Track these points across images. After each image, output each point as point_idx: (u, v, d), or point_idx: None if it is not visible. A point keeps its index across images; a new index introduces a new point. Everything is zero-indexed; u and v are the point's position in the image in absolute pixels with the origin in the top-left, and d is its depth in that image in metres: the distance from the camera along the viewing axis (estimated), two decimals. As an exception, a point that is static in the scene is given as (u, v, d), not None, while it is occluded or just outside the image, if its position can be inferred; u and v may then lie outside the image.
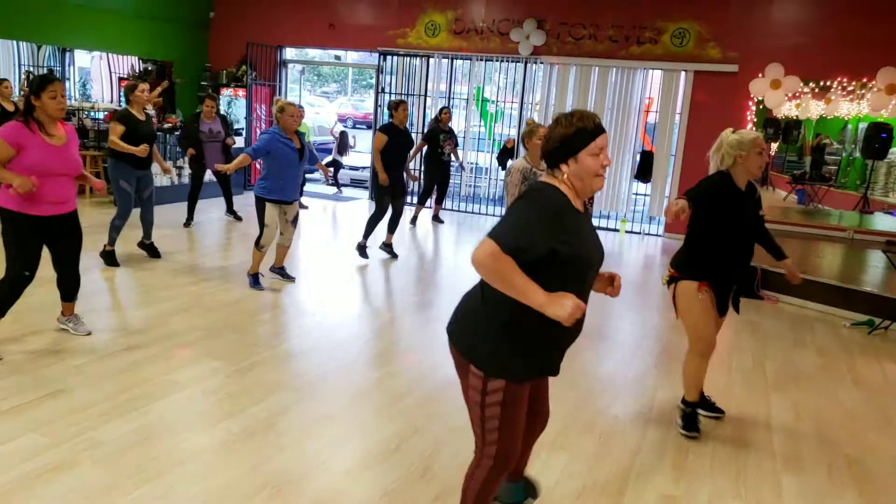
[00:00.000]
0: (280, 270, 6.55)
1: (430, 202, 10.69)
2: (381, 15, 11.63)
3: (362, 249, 7.55)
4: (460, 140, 11.02)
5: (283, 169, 5.97)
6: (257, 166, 10.48)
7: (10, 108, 8.28)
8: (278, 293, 6.17)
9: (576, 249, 2.26)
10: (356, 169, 14.29)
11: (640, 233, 10.80)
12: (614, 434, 3.90)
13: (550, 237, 2.21)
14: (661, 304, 6.82)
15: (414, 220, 10.23)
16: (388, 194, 7.50)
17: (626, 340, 5.68)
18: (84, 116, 10.52)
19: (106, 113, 10.54)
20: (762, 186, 11.52)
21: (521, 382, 2.40)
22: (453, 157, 10.47)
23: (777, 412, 4.37)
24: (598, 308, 6.56)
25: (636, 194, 11.27)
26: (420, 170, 10.45)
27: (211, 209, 9.70)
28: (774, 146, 11.61)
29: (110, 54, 11.58)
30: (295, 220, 6.33)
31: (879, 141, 10.36)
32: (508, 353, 2.34)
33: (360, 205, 11.80)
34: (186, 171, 10.01)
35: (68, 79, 11.42)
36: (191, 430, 3.57)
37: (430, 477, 3.30)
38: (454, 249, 9.14)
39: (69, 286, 4.71)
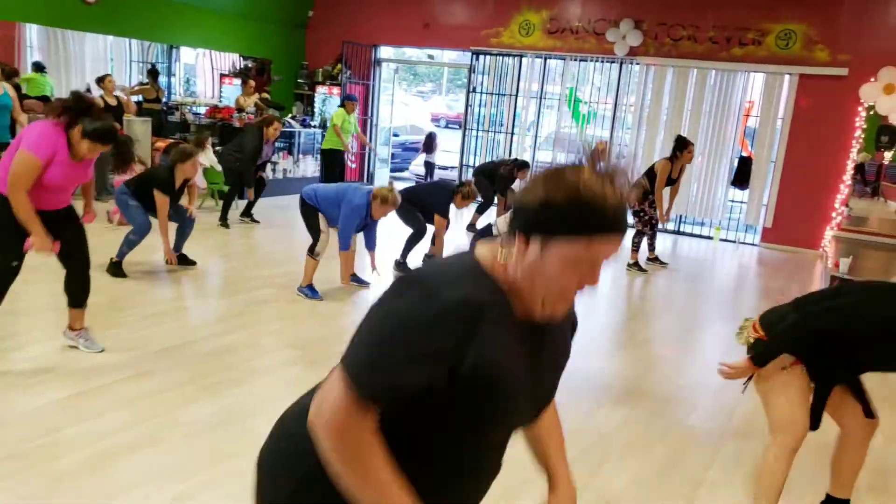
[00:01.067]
0: (354, 277, 6.27)
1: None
2: (475, 14, 11.67)
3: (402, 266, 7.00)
4: (548, 141, 10.93)
5: (348, 222, 5.74)
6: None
7: (113, 102, 8.77)
8: (360, 292, 6.26)
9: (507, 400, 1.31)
10: (445, 168, 14.40)
11: (735, 241, 10.41)
12: (688, 444, 3.79)
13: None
14: (751, 314, 6.55)
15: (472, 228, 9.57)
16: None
17: (710, 351, 5.49)
18: (186, 111, 11.02)
19: (207, 108, 11.01)
20: (873, 198, 10.92)
21: None
22: None
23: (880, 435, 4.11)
24: (683, 320, 6.38)
25: (732, 201, 10.87)
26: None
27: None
28: (888, 155, 10.96)
29: (213, 52, 12.09)
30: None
31: None
32: None
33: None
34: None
35: (174, 74, 12.01)
36: (268, 416, 3.64)
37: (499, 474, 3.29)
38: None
39: (75, 287, 4.12)
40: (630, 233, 8.11)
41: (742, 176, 10.49)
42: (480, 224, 9.15)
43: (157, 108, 10.39)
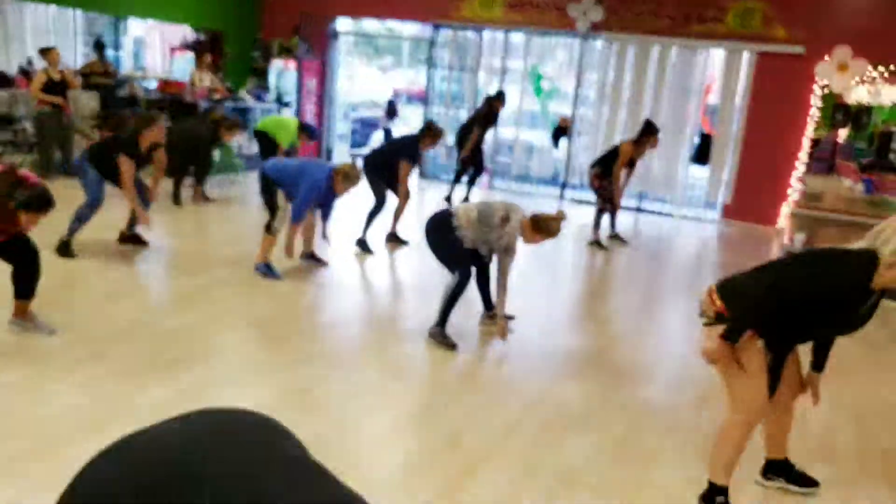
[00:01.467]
0: (311, 256, 6.16)
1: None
2: (436, -14, 11.47)
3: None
4: (517, 118, 10.90)
5: (305, 196, 5.56)
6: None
7: (57, 77, 8.45)
8: (318, 271, 6.16)
9: None
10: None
11: (695, 218, 10.50)
12: (644, 416, 3.83)
13: None
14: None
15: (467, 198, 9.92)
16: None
17: (667, 328, 5.54)
18: (135, 85, 10.67)
19: (158, 82, 10.68)
20: (828, 174, 11.09)
21: None
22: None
23: (831, 407, 4.18)
24: (643, 297, 6.42)
25: (693, 178, 10.97)
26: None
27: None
28: (843, 133, 11.15)
29: (162, 24, 11.70)
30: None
31: (955, 130, 9.86)
32: None
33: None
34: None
35: (122, 48, 11.58)
36: (227, 396, 3.61)
37: (458, 448, 3.28)
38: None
39: (27, 278, 4.05)
40: (591, 210, 8.16)
41: (703, 153, 10.58)
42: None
43: (106, 83, 10.04)
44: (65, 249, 5.59)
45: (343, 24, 12.79)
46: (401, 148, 7.06)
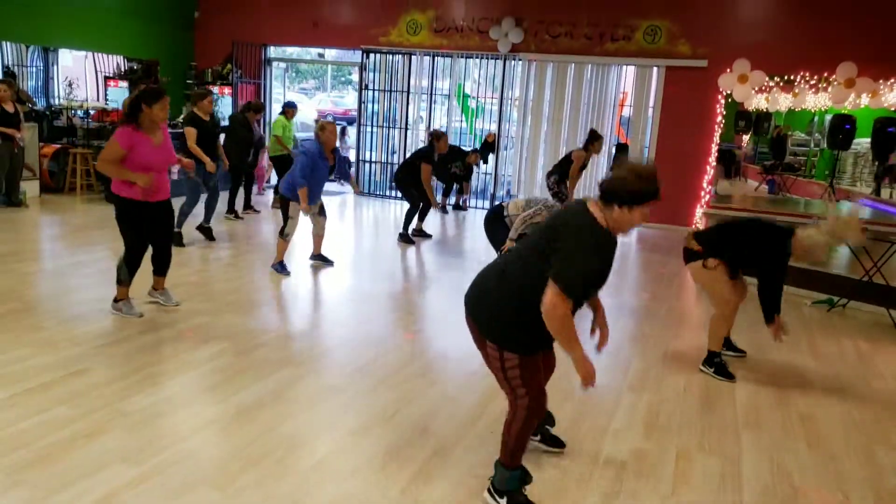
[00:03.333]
0: (319, 257, 7.16)
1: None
2: (363, 14, 11.95)
3: (406, 237, 8.73)
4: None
5: (313, 182, 6.55)
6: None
7: (11, 109, 8.51)
8: (279, 280, 6.49)
9: (603, 271, 2.78)
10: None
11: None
12: (592, 399, 4.29)
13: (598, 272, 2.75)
14: (636, 285, 7.25)
15: (444, 209, 11.30)
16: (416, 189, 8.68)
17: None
18: (72, 115, 10.72)
19: (94, 111, 10.73)
20: (735, 177, 12.01)
21: (529, 355, 2.82)
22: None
23: (741, 380, 4.78)
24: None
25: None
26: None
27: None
28: (746, 138, 12.09)
29: (96, 54, 11.76)
30: (322, 211, 6.97)
31: (843, 132, 10.85)
32: (517, 335, 2.79)
33: (348, 198, 12.13)
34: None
35: (52, 78, 11.52)
36: (206, 402, 3.90)
37: (428, 437, 3.65)
38: (444, 238, 9.48)
39: (164, 260, 5.34)
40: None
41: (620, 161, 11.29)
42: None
43: (23, 111, 10.01)
44: (178, 240, 7.29)
45: (275, 50, 13.09)
46: (420, 155, 8.73)
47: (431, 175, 8.70)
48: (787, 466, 3.61)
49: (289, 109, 10.28)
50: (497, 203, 6.04)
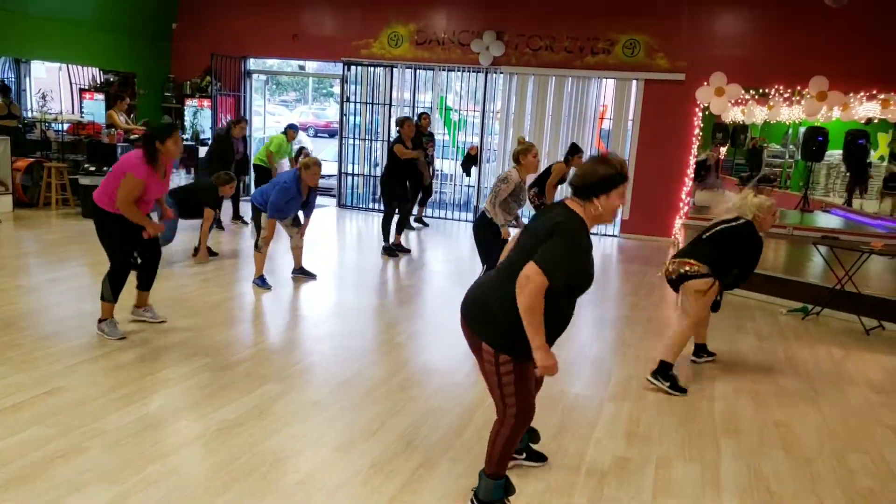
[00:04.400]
0: (301, 270, 7.16)
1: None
2: (344, 26, 12.00)
3: (389, 250, 8.70)
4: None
5: (284, 210, 6.62)
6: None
7: None
8: (260, 294, 6.49)
9: (590, 271, 2.83)
10: (322, 177, 14.56)
11: (595, 233, 11.30)
12: (575, 409, 4.34)
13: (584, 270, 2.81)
14: (616, 296, 7.33)
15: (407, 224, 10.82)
16: (396, 199, 8.74)
17: (585, 328, 6.12)
18: (46, 128, 10.63)
19: (69, 124, 10.66)
20: (713, 189, 12.15)
21: (523, 360, 2.85)
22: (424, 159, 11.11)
23: (719, 388, 4.86)
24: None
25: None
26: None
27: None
28: (724, 150, 12.26)
29: (70, 65, 11.67)
30: (296, 222, 6.96)
31: (816, 144, 11.08)
32: (513, 339, 2.81)
33: (329, 211, 12.14)
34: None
35: (24, 90, 11.43)
36: (188, 419, 3.89)
37: (413, 450, 3.67)
38: (424, 252, 9.52)
39: (150, 275, 5.36)
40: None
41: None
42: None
43: (11, 125, 9.96)
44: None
45: (255, 62, 13.11)
46: (390, 144, 8.99)
47: (406, 149, 8.73)
48: (764, 472, 3.68)
49: (290, 132, 10.31)
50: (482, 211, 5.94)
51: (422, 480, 3.37)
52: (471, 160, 11.88)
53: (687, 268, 4.87)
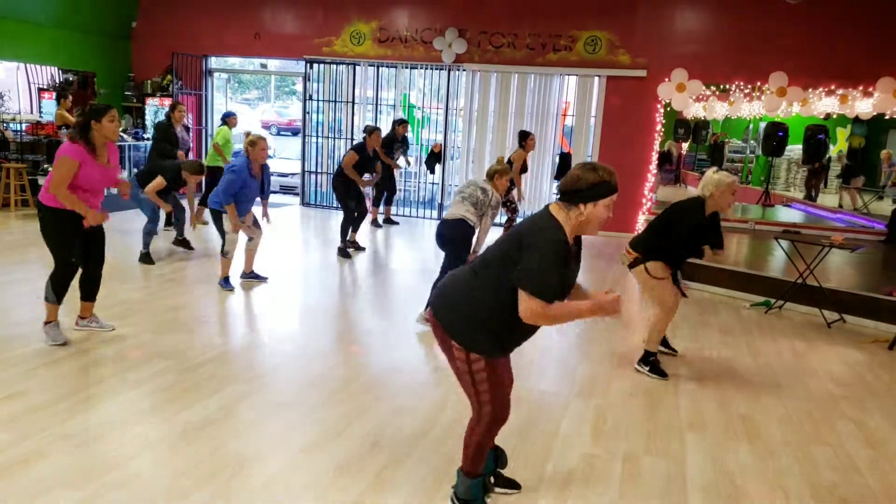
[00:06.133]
0: (251, 275, 6.93)
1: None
2: (306, 24, 11.89)
3: (343, 251, 8.47)
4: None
5: (241, 199, 6.37)
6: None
7: None
8: (223, 296, 6.40)
9: (562, 280, 2.76)
10: (285, 175, 14.42)
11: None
12: (541, 407, 4.34)
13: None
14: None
15: (375, 223, 10.84)
16: (352, 198, 8.46)
17: (552, 329, 6.12)
18: (4, 129, 10.39)
19: (28, 124, 10.42)
20: (675, 184, 12.30)
21: (495, 357, 2.85)
22: (404, 164, 11.35)
23: (684, 382, 4.91)
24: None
25: (556, 194, 11.84)
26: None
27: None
28: (685, 145, 12.42)
29: (28, 65, 11.43)
30: (256, 223, 6.78)
31: (777, 139, 11.28)
32: (484, 338, 2.81)
33: (293, 210, 12.03)
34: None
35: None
36: (152, 422, 3.81)
37: (378, 450, 3.64)
38: (388, 250, 9.47)
39: (93, 283, 5.13)
40: (501, 220, 9.66)
41: (564, 170, 11.49)
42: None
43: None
44: (146, 259, 7.35)
45: (216, 61, 12.93)
46: (350, 148, 8.84)
47: (353, 162, 8.30)
48: (728, 466, 3.72)
49: (230, 119, 10.08)
50: (450, 218, 5.66)
51: (388, 480, 3.35)
52: (434, 157, 11.87)
53: (627, 258, 5.09)
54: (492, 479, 3.34)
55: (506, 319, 2.76)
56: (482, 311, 2.79)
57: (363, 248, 8.99)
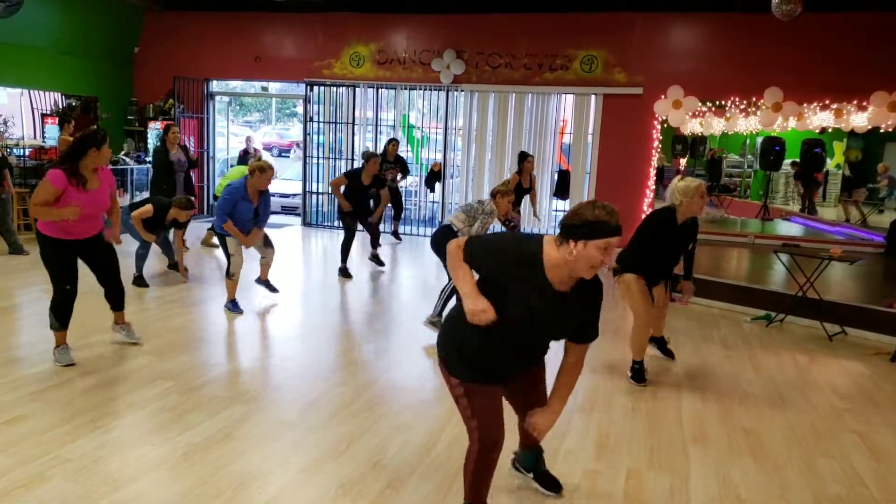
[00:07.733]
0: (265, 283, 7.07)
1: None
2: (306, 47, 12.00)
3: (343, 271, 8.44)
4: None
5: (237, 221, 6.36)
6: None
7: None
8: (224, 315, 6.40)
9: (509, 309, 2.61)
10: (286, 196, 14.46)
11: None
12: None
13: (498, 273, 2.66)
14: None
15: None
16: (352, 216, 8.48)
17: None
18: (7, 154, 10.44)
19: (31, 150, 10.49)
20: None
21: (470, 382, 2.82)
22: (400, 182, 11.19)
23: (686, 397, 4.90)
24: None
25: (556, 211, 11.90)
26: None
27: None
28: (683, 161, 12.46)
29: (32, 91, 11.52)
30: (267, 242, 6.82)
31: (774, 154, 11.33)
32: (456, 362, 2.83)
33: (294, 230, 12.06)
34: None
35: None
36: (153, 444, 3.81)
37: (380, 469, 3.64)
38: (389, 268, 9.48)
39: (115, 297, 5.24)
40: None
41: (562, 187, 11.55)
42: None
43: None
44: (140, 282, 7.34)
45: (217, 84, 13.04)
46: (346, 171, 8.85)
47: (340, 184, 8.34)
48: (732, 479, 3.71)
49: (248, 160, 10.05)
50: (440, 224, 5.96)
51: (389, 500, 3.34)
52: (434, 176, 11.94)
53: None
54: (530, 474, 3.48)
55: (470, 329, 2.68)
56: (461, 330, 2.76)
57: (383, 264, 9.02)
